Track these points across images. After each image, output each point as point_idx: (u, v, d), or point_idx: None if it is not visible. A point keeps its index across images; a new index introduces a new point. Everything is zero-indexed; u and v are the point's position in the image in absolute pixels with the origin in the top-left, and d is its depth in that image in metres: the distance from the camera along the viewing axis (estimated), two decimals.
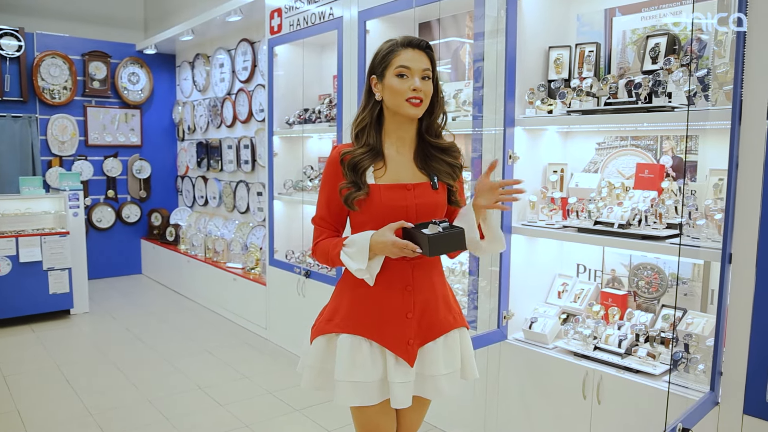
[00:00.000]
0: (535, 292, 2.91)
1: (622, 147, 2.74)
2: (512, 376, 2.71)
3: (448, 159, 1.78)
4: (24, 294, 4.92)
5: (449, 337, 1.79)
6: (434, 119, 1.75)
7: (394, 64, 1.67)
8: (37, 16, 6.36)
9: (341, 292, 1.80)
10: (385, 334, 1.70)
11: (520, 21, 2.68)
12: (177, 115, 7.00)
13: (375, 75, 1.72)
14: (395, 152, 1.75)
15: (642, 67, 2.50)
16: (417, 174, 1.75)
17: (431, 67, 1.70)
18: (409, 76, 1.66)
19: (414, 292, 1.73)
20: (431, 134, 1.78)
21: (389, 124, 1.75)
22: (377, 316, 1.71)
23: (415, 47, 1.69)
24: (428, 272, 1.77)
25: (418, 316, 1.73)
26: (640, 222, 2.34)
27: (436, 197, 1.74)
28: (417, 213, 1.70)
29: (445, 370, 1.75)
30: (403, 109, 1.67)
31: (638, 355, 2.36)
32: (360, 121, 1.76)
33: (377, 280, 1.70)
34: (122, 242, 6.88)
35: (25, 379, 3.81)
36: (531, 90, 2.69)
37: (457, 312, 1.85)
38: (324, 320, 1.79)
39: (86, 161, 6.54)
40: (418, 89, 1.65)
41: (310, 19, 3.94)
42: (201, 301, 5.75)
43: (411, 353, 1.71)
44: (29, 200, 5.20)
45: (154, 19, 7.04)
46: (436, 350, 1.75)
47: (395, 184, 1.71)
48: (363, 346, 1.70)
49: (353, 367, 1.68)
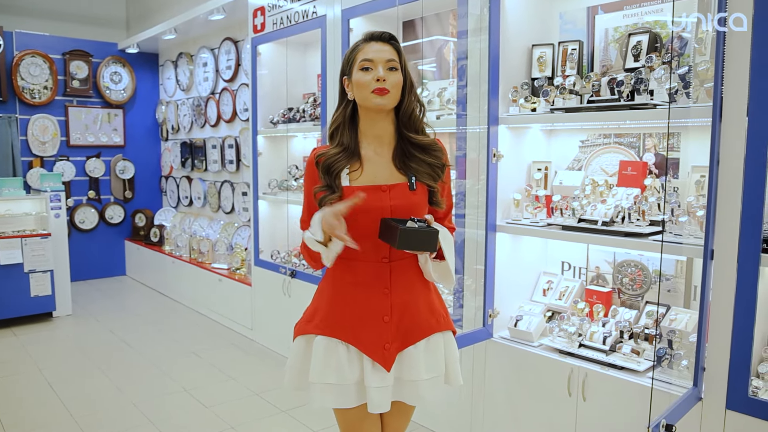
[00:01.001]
0: (521, 290, 2.92)
1: (606, 145, 2.75)
2: (498, 374, 2.71)
3: (428, 159, 1.71)
4: (5, 297, 4.85)
5: (431, 341, 1.74)
6: (407, 110, 1.70)
7: (358, 59, 1.66)
8: (16, 14, 6.27)
9: (321, 292, 1.79)
10: (361, 338, 1.67)
11: (503, 19, 2.67)
12: (160, 114, 6.93)
13: (346, 75, 1.71)
14: (373, 153, 1.72)
15: (624, 64, 2.50)
16: (395, 174, 1.71)
17: (398, 57, 1.67)
18: (372, 68, 1.64)
19: (391, 294, 1.69)
20: (409, 129, 1.72)
21: (364, 123, 1.72)
22: (354, 318, 1.69)
23: (377, 40, 1.67)
24: (408, 274, 1.73)
25: (397, 319, 1.70)
26: (623, 219, 2.35)
27: (413, 198, 1.69)
28: (392, 215, 1.66)
29: (426, 375, 1.71)
30: (370, 101, 1.64)
31: (622, 351, 2.37)
32: (334, 121, 1.74)
33: (355, 282, 1.69)
34: (106, 243, 6.80)
35: (6, 384, 3.75)
36: (515, 88, 2.69)
37: (442, 315, 1.80)
38: (304, 320, 1.77)
39: (68, 162, 6.46)
40: (381, 78, 1.62)
41: (293, 18, 3.91)
42: (186, 302, 5.70)
43: (387, 357, 1.67)
44: (9, 201, 5.11)
45: (137, 18, 6.96)
46: (417, 354, 1.71)
47: (370, 186, 1.67)
48: (339, 348, 1.67)
49: (328, 369, 1.66)
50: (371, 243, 1.66)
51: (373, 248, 1.68)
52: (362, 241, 1.64)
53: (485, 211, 2.69)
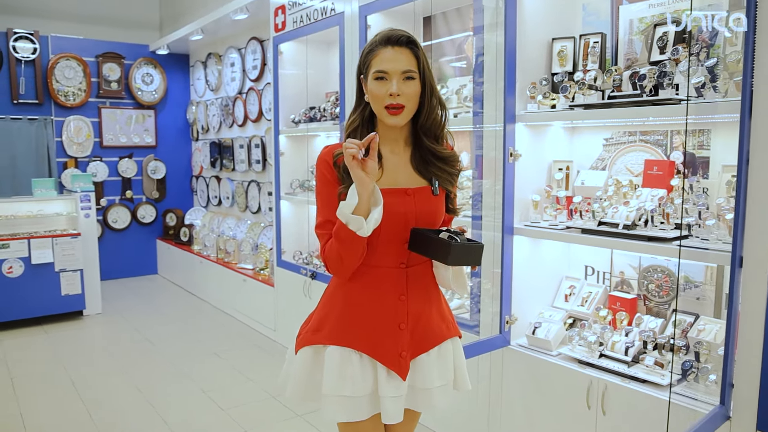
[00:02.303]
0: (542, 295, 2.79)
1: (631, 143, 2.59)
2: (515, 383, 2.60)
3: (447, 167, 1.64)
4: (37, 295, 4.95)
5: (443, 348, 1.68)
6: (427, 118, 1.60)
7: (373, 67, 1.54)
8: (51, 18, 6.41)
9: (330, 300, 1.68)
10: (377, 346, 1.59)
11: (522, 12, 2.55)
12: (191, 115, 7.00)
13: (363, 75, 1.60)
14: (390, 153, 1.63)
15: (650, 57, 2.36)
16: (415, 177, 1.63)
17: (416, 64, 1.55)
18: (387, 79, 1.53)
19: (408, 301, 1.62)
20: (428, 136, 1.63)
21: (381, 127, 1.62)
22: (368, 326, 1.60)
23: (394, 45, 1.54)
24: (424, 281, 1.66)
25: (412, 326, 1.63)
26: (646, 222, 2.20)
27: (436, 204, 1.62)
28: (416, 221, 1.58)
29: (438, 383, 1.65)
30: (383, 117, 1.55)
31: (645, 363, 2.23)
32: (351, 122, 1.64)
33: (371, 288, 1.60)
34: (138, 243, 6.91)
35: (31, 382, 3.81)
36: (533, 84, 2.57)
37: (451, 321, 1.75)
38: (311, 330, 1.67)
39: (101, 162, 6.58)
40: (394, 94, 1.51)
41: (312, 16, 3.86)
42: (213, 302, 5.73)
43: (403, 366, 1.60)
44: (42, 202, 5.23)
45: (169, 20, 7.04)
46: (430, 362, 1.65)
47: (394, 189, 1.58)
48: (353, 358, 1.59)
49: (342, 381, 1.57)
50: (391, 249, 1.59)
51: (393, 254, 1.60)
52: (383, 246, 1.58)
53: (502, 213, 2.58)
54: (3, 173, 5.92)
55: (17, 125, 6.05)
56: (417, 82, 1.55)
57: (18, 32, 6.01)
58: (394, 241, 1.58)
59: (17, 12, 6.23)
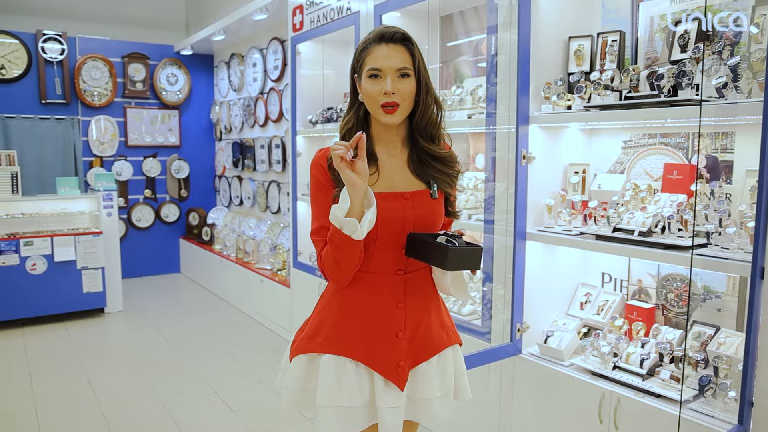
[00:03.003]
0: (556, 303, 2.69)
1: (651, 145, 2.49)
2: (527, 393, 2.51)
3: (445, 168, 1.59)
4: (59, 293, 5.03)
5: (443, 357, 1.62)
6: (422, 117, 1.55)
7: (366, 65, 1.49)
8: (80, 20, 6.52)
9: (326, 307, 1.62)
10: (373, 355, 1.54)
11: (537, 10, 2.46)
12: (214, 115, 7.04)
13: (356, 73, 1.56)
14: (387, 155, 1.58)
15: (670, 56, 2.24)
16: (413, 181, 1.58)
17: (411, 61, 1.50)
18: (381, 77, 1.47)
19: (406, 308, 1.56)
20: (424, 137, 1.58)
21: (375, 127, 1.57)
22: (365, 334, 1.54)
23: (388, 41, 1.49)
24: (422, 287, 1.60)
25: (410, 335, 1.57)
26: (663, 229, 2.10)
27: (435, 208, 1.57)
28: (414, 225, 1.53)
29: (439, 392, 1.59)
30: (378, 116, 1.50)
31: (661, 377, 2.12)
32: (345, 123, 1.59)
33: (367, 295, 1.54)
34: (161, 241, 6.98)
35: (48, 378, 3.86)
36: (547, 84, 2.48)
37: (451, 328, 1.69)
38: (306, 338, 1.62)
39: (126, 161, 6.66)
40: (389, 92, 1.46)
41: (329, 15, 3.82)
42: (232, 301, 5.74)
43: (401, 376, 1.54)
44: (65, 200, 5.31)
45: (195, 20, 7.10)
46: (430, 371, 1.59)
47: (391, 193, 1.53)
48: (348, 367, 1.53)
49: (338, 391, 1.52)
50: (389, 254, 1.54)
51: (390, 260, 1.55)
52: (380, 252, 1.53)
53: (514, 218, 2.49)
54: (31, 172, 6.03)
55: (45, 125, 6.17)
56: (412, 80, 1.50)
57: (47, 34, 6.12)
58: (392, 247, 1.53)
59: (46, 14, 6.35)
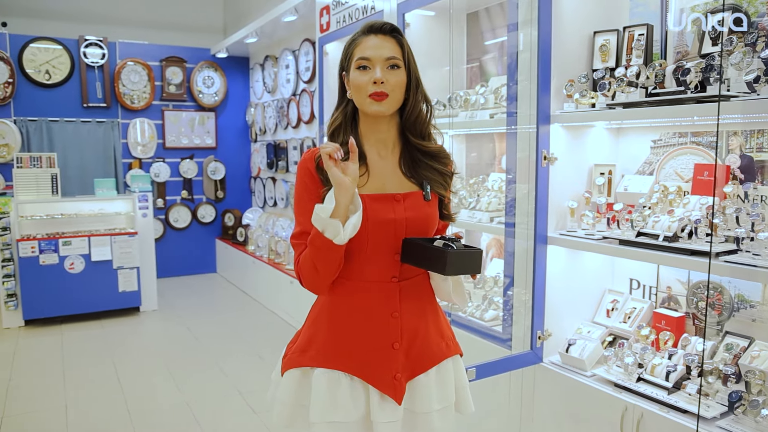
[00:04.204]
0: (581, 310, 2.58)
1: (681, 145, 2.35)
2: (547, 403, 2.41)
3: (438, 166, 1.53)
4: (96, 291, 5.16)
5: (442, 368, 1.55)
6: (411, 113, 1.49)
7: (355, 56, 1.44)
8: (120, 25, 6.69)
9: (318, 318, 1.56)
10: (368, 368, 1.47)
11: (560, 4, 2.36)
12: (250, 116, 7.12)
13: (344, 70, 1.51)
14: (377, 156, 1.51)
15: (701, 50, 2.11)
16: (404, 182, 1.51)
17: (401, 53, 1.45)
18: (370, 67, 1.42)
19: (402, 318, 1.49)
20: (414, 134, 1.52)
21: (364, 125, 1.51)
22: (358, 346, 1.48)
23: (377, 32, 1.45)
24: (418, 296, 1.53)
25: (407, 345, 1.50)
26: (690, 234, 1.97)
27: (428, 210, 1.50)
28: (407, 228, 1.46)
29: (438, 405, 1.52)
30: (367, 106, 1.44)
31: (687, 391, 1.99)
32: (333, 121, 1.53)
33: (360, 305, 1.48)
34: (198, 242, 7.09)
35: (80, 375, 3.95)
36: (570, 82, 2.37)
37: (451, 338, 1.62)
38: (298, 351, 1.56)
39: (164, 163, 6.80)
40: (378, 80, 1.40)
41: (354, 15, 3.78)
42: (264, 302, 5.78)
43: (398, 389, 1.47)
44: (103, 201, 5.44)
45: (233, 24, 7.20)
46: (428, 383, 1.51)
47: (382, 195, 1.47)
48: (342, 381, 1.47)
49: (332, 407, 1.46)
50: (382, 261, 1.47)
51: (383, 266, 1.48)
52: (372, 258, 1.47)
53: (534, 221, 2.40)
54: (73, 173, 6.22)
55: (87, 128, 6.35)
56: (402, 71, 1.45)
57: (89, 39, 6.30)
58: (384, 253, 1.46)
59: (88, 20, 6.54)
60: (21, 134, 6.01)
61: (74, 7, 6.52)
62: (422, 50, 3.48)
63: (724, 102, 1.83)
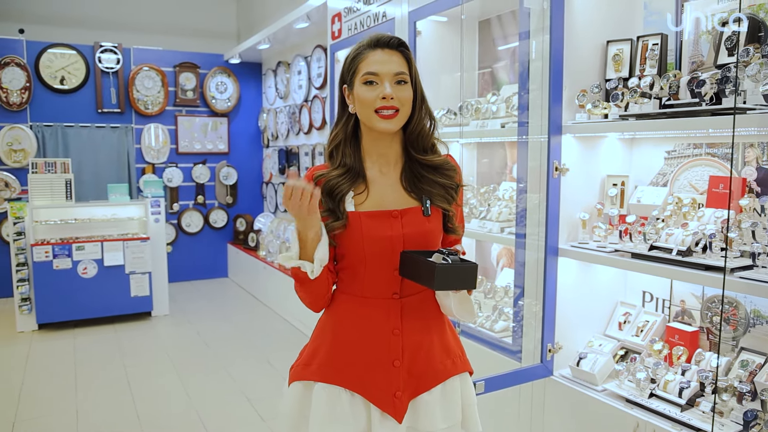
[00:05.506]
0: (592, 322, 2.54)
1: (696, 156, 2.31)
2: (557, 418, 2.38)
3: (441, 179, 1.50)
4: (108, 296, 5.19)
5: (448, 386, 1.52)
6: (415, 128, 1.47)
7: (361, 71, 1.42)
8: (135, 31, 6.75)
9: (321, 333, 1.56)
10: (368, 385, 1.46)
11: (572, 12, 2.34)
12: (262, 122, 7.14)
13: (346, 84, 1.48)
14: (378, 173, 1.50)
15: (716, 60, 2.08)
16: (405, 198, 1.49)
17: (408, 68, 1.43)
18: (378, 82, 1.40)
19: (403, 335, 1.48)
20: (417, 148, 1.49)
21: (367, 141, 1.49)
22: (359, 363, 1.47)
23: (384, 47, 1.42)
24: (421, 311, 1.51)
25: (408, 363, 1.48)
26: (705, 249, 1.93)
27: (428, 225, 1.47)
28: (405, 245, 1.44)
29: (443, 424, 1.50)
30: (374, 124, 1.41)
31: (701, 408, 1.95)
32: (333, 138, 1.51)
33: (361, 321, 1.47)
34: (210, 246, 7.12)
35: (91, 378, 3.97)
36: (582, 92, 2.34)
37: (458, 355, 1.58)
38: (302, 364, 1.55)
39: (177, 168, 6.84)
40: (388, 96, 1.38)
41: (365, 23, 3.78)
42: (274, 307, 5.78)
43: (399, 407, 1.45)
44: (116, 206, 5.48)
45: (246, 29, 7.23)
46: (433, 402, 1.49)
47: (379, 212, 1.45)
48: (342, 397, 1.46)
49: (331, 422, 1.45)
50: (381, 277, 1.46)
51: (383, 283, 1.47)
52: (371, 275, 1.46)
53: (545, 232, 2.37)
54: (87, 178, 6.27)
55: (101, 133, 6.40)
56: (409, 87, 1.43)
57: (104, 45, 6.36)
58: (383, 269, 1.44)
59: (103, 26, 6.61)
60: (37, 139, 6.08)
61: (90, 14, 6.59)
62: (434, 57, 3.47)
63: (740, 115, 1.79)
